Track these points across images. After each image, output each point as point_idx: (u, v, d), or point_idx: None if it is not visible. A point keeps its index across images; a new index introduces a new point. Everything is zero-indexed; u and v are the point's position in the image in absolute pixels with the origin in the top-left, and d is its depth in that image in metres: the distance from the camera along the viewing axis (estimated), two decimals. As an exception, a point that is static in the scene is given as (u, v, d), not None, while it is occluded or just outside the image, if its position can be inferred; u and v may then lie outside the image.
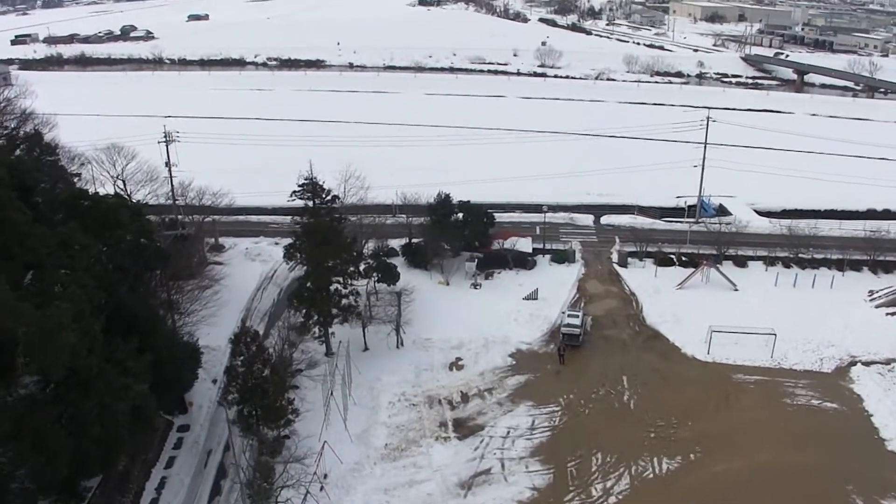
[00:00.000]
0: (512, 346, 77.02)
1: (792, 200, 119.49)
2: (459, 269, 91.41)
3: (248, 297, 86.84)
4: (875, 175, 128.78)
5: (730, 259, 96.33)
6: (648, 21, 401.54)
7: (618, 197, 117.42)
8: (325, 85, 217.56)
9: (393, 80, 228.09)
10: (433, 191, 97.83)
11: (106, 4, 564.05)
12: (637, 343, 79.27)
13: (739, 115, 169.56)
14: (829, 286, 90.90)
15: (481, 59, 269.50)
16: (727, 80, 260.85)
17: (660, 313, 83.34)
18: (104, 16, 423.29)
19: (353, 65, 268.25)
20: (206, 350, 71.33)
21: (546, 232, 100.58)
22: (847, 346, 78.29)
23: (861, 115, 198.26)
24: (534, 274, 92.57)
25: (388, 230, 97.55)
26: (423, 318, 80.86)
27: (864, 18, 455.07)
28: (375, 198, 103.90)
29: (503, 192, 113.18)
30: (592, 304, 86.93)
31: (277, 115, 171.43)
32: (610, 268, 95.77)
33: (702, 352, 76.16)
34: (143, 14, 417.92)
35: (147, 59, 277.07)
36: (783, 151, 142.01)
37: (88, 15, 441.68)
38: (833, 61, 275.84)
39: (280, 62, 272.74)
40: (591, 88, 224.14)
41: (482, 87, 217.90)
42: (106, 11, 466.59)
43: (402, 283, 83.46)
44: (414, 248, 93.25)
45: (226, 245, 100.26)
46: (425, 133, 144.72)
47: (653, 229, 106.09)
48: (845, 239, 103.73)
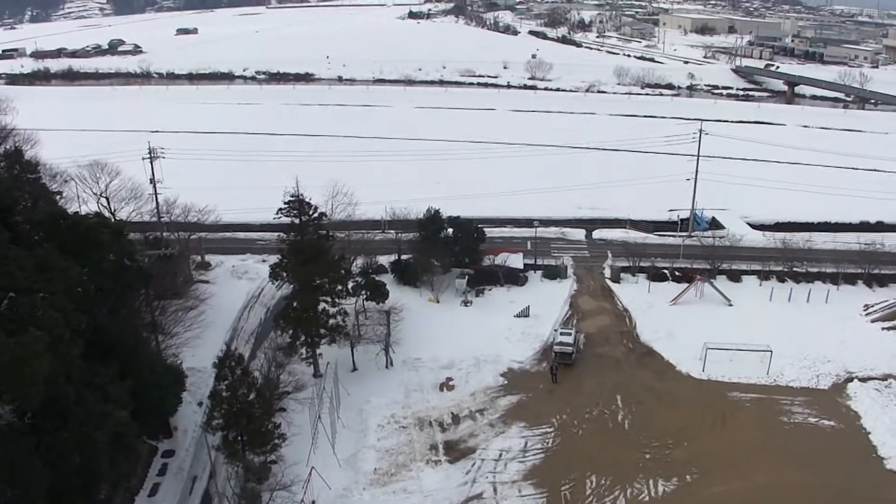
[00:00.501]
0: (503, 366, 75.48)
1: (785, 213, 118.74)
2: (450, 286, 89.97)
3: (234, 317, 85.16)
4: (867, 187, 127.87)
5: (724, 273, 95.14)
6: (638, 33, 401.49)
7: (609, 211, 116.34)
8: (313, 99, 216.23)
9: (382, 94, 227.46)
10: (423, 206, 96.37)
11: (94, 19, 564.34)
12: (631, 361, 77.75)
13: (731, 128, 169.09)
14: (825, 300, 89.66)
15: (471, 72, 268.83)
16: (718, 92, 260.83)
17: (653, 330, 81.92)
18: (92, 30, 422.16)
19: (342, 78, 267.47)
20: (191, 372, 69.93)
21: (537, 247, 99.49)
22: (843, 362, 76.83)
23: (852, 126, 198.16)
24: (525, 290, 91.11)
25: (376, 246, 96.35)
26: (413, 336, 79.32)
27: (854, 30, 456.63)
28: (364, 213, 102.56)
29: (493, 206, 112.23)
30: (585, 320, 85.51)
31: (265, 129, 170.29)
32: (602, 283, 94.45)
33: (697, 369, 74.75)
34: (131, 28, 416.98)
35: (135, 74, 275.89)
36: (776, 164, 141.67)
37: (76, 29, 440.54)
38: (823, 73, 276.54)
39: (269, 76, 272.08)
40: (581, 101, 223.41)
41: (472, 99, 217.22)
42: (94, 26, 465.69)
43: (392, 301, 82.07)
44: (403, 264, 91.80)
45: (212, 263, 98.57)
46: (414, 147, 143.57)
47: (645, 243, 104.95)
48: (840, 252, 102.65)
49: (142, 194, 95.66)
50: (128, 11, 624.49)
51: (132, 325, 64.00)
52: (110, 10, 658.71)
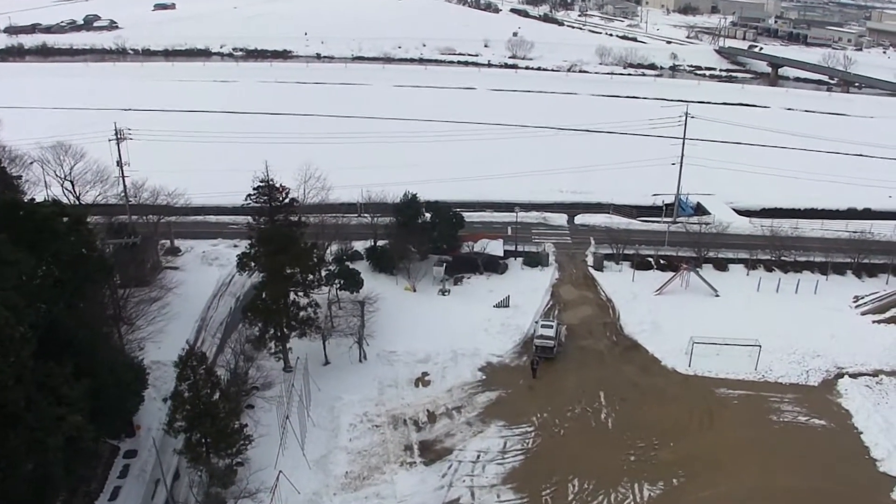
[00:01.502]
0: (482, 360, 72.43)
1: (771, 199, 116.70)
2: (427, 273, 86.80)
3: (203, 306, 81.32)
4: (853, 172, 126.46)
5: (710, 262, 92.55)
6: (621, 12, 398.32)
7: (592, 195, 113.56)
8: (291, 76, 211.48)
9: (361, 72, 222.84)
10: (400, 189, 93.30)
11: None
12: (615, 354, 74.97)
13: (715, 109, 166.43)
14: (814, 291, 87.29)
15: (451, 50, 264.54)
16: (701, 73, 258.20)
17: (638, 321, 79.11)
18: (69, 5, 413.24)
19: (320, 55, 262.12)
20: (156, 366, 66.81)
21: (518, 233, 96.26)
22: (833, 357, 74.63)
23: (837, 109, 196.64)
24: (505, 279, 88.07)
25: (352, 231, 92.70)
26: (388, 328, 76.13)
27: (837, 12, 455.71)
28: (340, 197, 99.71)
29: (473, 189, 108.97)
30: (567, 311, 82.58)
31: (241, 107, 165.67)
32: (585, 271, 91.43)
33: (683, 364, 72.14)
34: (109, 3, 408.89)
35: (110, 50, 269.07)
36: (761, 147, 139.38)
37: (53, 4, 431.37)
38: (807, 55, 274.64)
39: (246, 52, 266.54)
40: (563, 80, 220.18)
41: (452, 78, 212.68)
42: (71, 1, 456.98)
43: (367, 290, 78.92)
44: (379, 251, 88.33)
45: (182, 248, 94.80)
46: (393, 128, 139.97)
47: (629, 230, 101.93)
48: (828, 241, 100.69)
49: (108, 177, 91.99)
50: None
51: (91, 320, 60.38)
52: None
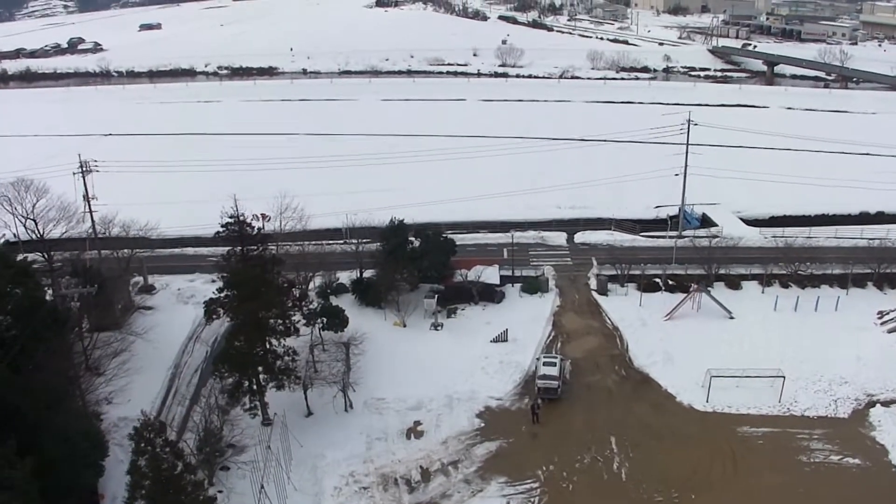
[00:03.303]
0: (480, 404, 65.71)
1: (780, 205, 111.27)
2: (418, 306, 79.85)
3: (177, 351, 74.97)
4: (860, 173, 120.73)
5: (721, 280, 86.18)
6: (611, 15, 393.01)
7: (592, 209, 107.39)
8: (275, 94, 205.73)
9: (347, 87, 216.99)
10: (387, 213, 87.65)
11: (59, 17, 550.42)
12: (624, 391, 68.27)
13: (713, 112, 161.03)
14: (834, 308, 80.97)
15: (440, 61, 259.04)
16: (695, 74, 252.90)
17: (648, 352, 72.58)
18: (55, 28, 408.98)
19: (306, 71, 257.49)
20: (124, 423, 60.46)
21: (515, 255, 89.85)
22: (862, 383, 68.63)
23: (838, 106, 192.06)
24: (502, 308, 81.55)
25: (337, 260, 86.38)
26: (376, 371, 69.46)
27: (828, 6, 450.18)
28: (324, 223, 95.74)
29: (466, 209, 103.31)
30: (571, 343, 75.85)
31: (224, 129, 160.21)
32: (588, 296, 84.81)
33: (699, 399, 65.77)
34: (95, 26, 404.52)
35: (94, 73, 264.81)
36: (764, 150, 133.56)
37: (39, 28, 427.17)
38: (802, 51, 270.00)
39: (231, 71, 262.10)
40: (555, 88, 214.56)
41: (441, 90, 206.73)
42: (58, 24, 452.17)
43: (352, 328, 72.24)
44: (365, 283, 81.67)
45: (156, 286, 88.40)
46: (380, 146, 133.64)
47: (633, 247, 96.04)
48: (845, 250, 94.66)
49: (74, 213, 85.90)
50: (92, 8, 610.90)
51: (40, 384, 53.89)
52: (74, 8, 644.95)
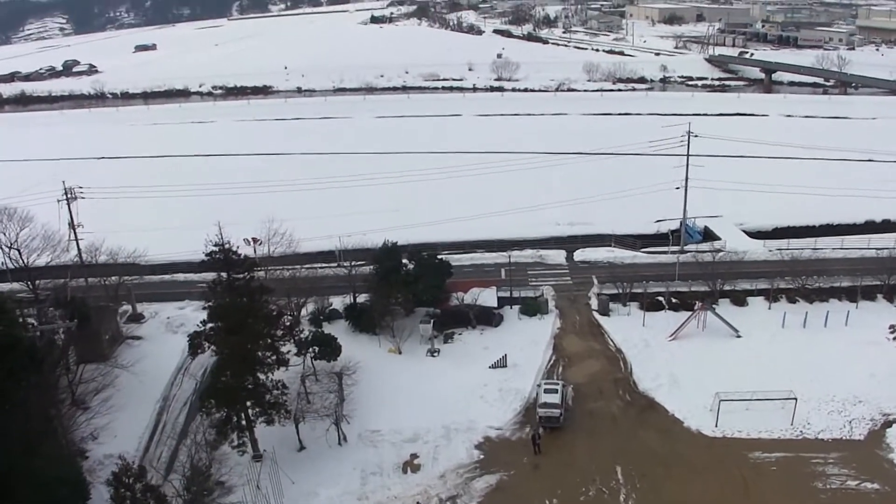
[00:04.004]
0: (479, 434, 62.77)
1: (783, 216, 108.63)
2: (414, 331, 76.95)
3: (166, 383, 72.23)
4: (864, 179, 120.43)
5: (727, 296, 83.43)
6: (606, 26, 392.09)
7: (591, 226, 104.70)
8: (269, 114, 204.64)
9: (342, 105, 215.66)
10: (382, 235, 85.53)
11: (55, 39, 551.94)
12: (629, 417, 65.27)
13: (712, 121, 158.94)
14: (844, 323, 78.26)
15: (435, 76, 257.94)
16: (693, 84, 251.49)
17: (653, 375, 69.71)
18: (51, 51, 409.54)
19: (301, 89, 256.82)
20: (109, 461, 57.65)
21: (513, 275, 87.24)
22: (877, 401, 65.74)
23: (837, 113, 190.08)
24: (501, 332, 78.67)
25: (330, 284, 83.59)
26: (371, 401, 66.63)
27: (823, 12, 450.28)
28: (319, 245, 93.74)
29: (462, 228, 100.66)
30: (572, 367, 72.91)
31: (216, 149, 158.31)
32: (589, 317, 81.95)
33: (708, 424, 62.92)
34: (90, 48, 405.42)
35: (88, 95, 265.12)
36: (766, 160, 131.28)
37: (35, 51, 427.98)
38: (800, 58, 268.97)
39: (225, 90, 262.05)
40: (551, 101, 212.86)
41: (436, 106, 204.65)
42: (53, 47, 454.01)
43: (346, 356, 69.58)
44: (359, 309, 78.97)
45: (145, 315, 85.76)
46: (373, 165, 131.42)
47: (634, 264, 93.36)
48: (853, 261, 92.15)
49: (59, 241, 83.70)
50: (88, 30, 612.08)
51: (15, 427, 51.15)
52: (70, 30, 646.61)
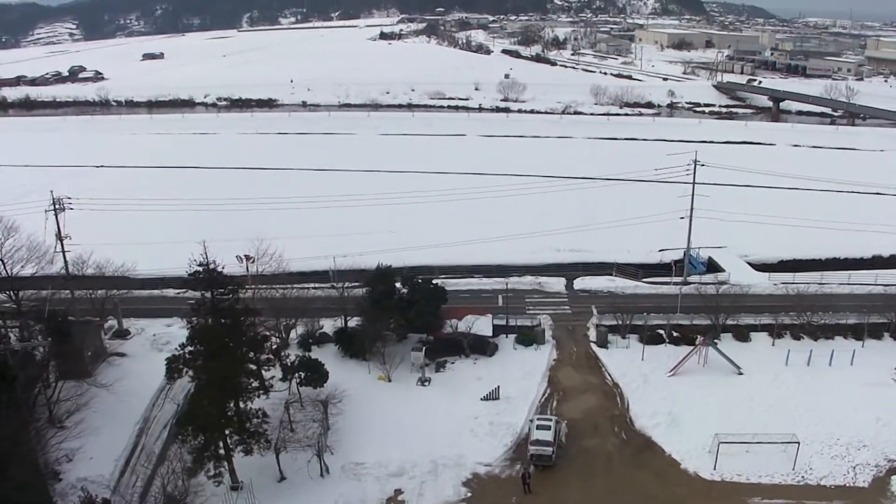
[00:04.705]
0: (467, 470, 60.04)
1: (789, 248, 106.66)
2: (405, 358, 74.20)
3: (147, 403, 69.71)
4: (871, 213, 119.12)
5: (729, 331, 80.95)
6: (615, 50, 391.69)
7: (592, 253, 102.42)
8: (273, 127, 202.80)
9: (346, 120, 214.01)
10: (378, 257, 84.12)
11: (64, 45, 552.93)
12: (625, 457, 62.55)
13: (718, 149, 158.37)
14: (850, 362, 75.67)
15: (441, 94, 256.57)
16: (700, 110, 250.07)
17: (651, 413, 67.05)
18: (58, 56, 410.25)
19: (306, 103, 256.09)
20: (82, 484, 55.65)
21: (510, 302, 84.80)
22: (882, 446, 63.22)
23: (845, 144, 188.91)
24: (495, 362, 75.93)
25: (321, 305, 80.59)
26: (357, 432, 63.96)
27: (832, 41, 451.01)
28: (312, 265, 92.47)
29: (460, 252, 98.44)
30: (567, 402, 70.20)
31: (217, 162, 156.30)
32: (587, 349, 79.30)
33: (707, 466, 60.32)
34: (99, 54, 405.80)
35: (92, 102, 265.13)
36: (772, 190, 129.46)
37: (43, 55, 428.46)
38: (808, 87, 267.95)
39: (230, 102, 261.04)
40: (557, 124, 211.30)
41: (441, 125, 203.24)
42: (62, 52, 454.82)
43: (333, 383, 66.82)
44: (349, 333, 76.47)
45: (131, 331, 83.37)
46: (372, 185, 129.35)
47: (635, 294, 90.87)
48: (860, 297, 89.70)
49: (45, 253, 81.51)
50: (98, 37, 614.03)
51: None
52: (80, 36, 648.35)
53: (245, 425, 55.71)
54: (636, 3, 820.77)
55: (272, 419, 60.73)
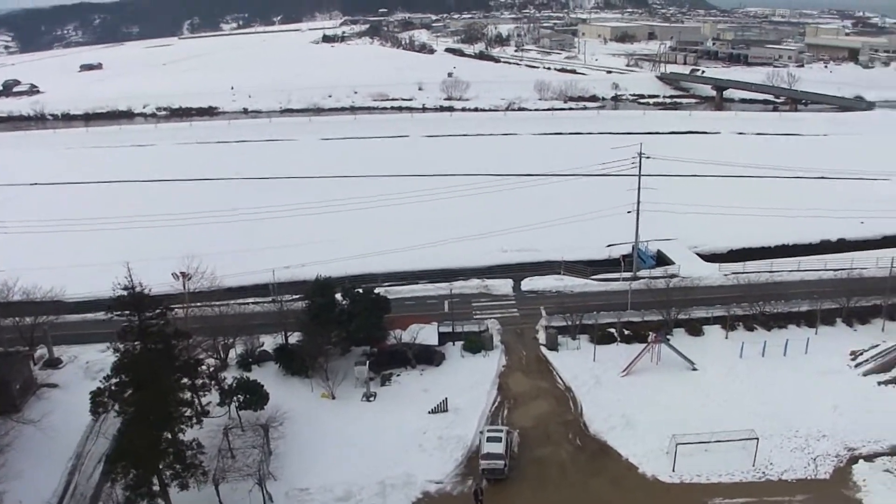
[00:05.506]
0: (417, 490, 57.09)
1: (738, 237, 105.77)
2: (349, 373, 71.11)
3: (80, 437, 65.87)
4: (819, 197, 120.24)
5: (681, 325, 79.37)
6: (558, 45, 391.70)
7: (540, 252, 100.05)
8: (212, 136, 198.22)
9: (287, 126, 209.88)
10: (320, 268, 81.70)
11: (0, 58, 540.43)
12: (580, 464, 60.14)
13: (664, 140, 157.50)
14: (804, 351, 74.65)
15: (384, 96, 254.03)
16: (644, 102, 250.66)
17: (605, 416, 64.87)
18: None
19: (247, 110, 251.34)
20: (9, 525, 52.17)
21: (456, 307, 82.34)
22: (841, 436, 62.20)
23: (789, 130, 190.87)
24: (442, 372, 73.10)
25: (261, 321, 77.50)
26: (300, 455, 60.91)
27: (772, 30, 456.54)
28: (252, 280, 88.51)
29: (404, 258, 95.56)
30: (518, 409, 67.53)
31: (154, 175, 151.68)
32: (537, 353, 76.85)
33: (665, 468, 58.32)
34: (33, 67, 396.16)
35: (27, 117, 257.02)
36: (719, 178, 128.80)
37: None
38: (750, 75, 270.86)
39: (170, 112, 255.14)
40: (501, 121, 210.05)
41: (384, 126, 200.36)
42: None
43: (275, 404, 63.60)
44: (290, 350, 73.25)
45: (63, 359, 79.29)
46: (312, 192, 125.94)
47: (584, 293, 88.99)
48: (811, 283, 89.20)
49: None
50: (34, 49, 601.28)
51: None
52: (16, 49, 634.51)
53: (180, 457, 52.41)
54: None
55: (210, 447, 57.43)
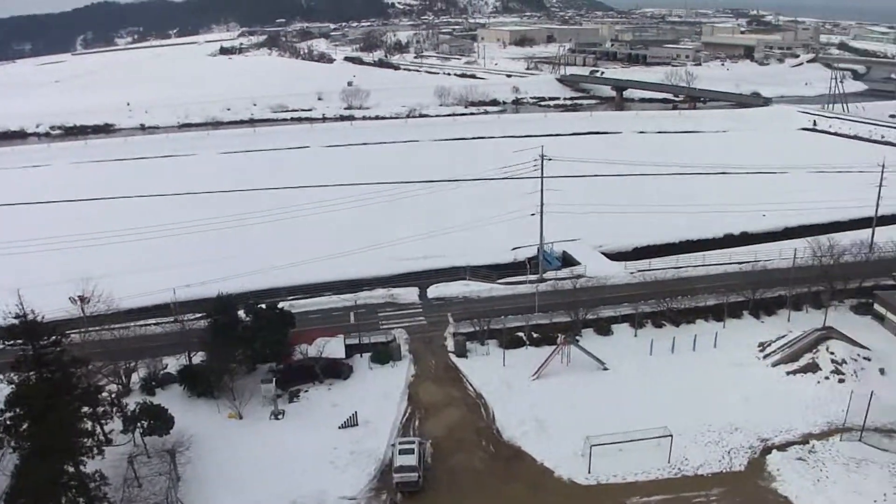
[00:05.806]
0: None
1: (642, 235, 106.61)
2: (256, 391, 68.54)
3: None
4: (720, 192, 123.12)
5: (590, 326, 79.21)
6: (457, 50, 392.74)
7: (445, 258, 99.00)
8: (109, 154, 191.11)
9: (186, 141, 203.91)
10: (221, 285, 78.47)
11: None
12: (495, 471, 58.94)
13: (566, 141, 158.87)
14: (713, 345, 75.38)
15: (284, 107, 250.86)
16: (545, 104, 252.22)
17: (518, 421, 63.89)
18: None
19: (144, 126, 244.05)
20: None
21: (362, 318, 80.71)
22: (753, 427, 62.85)
23: (689, 127, 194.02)
24: (351, 385, 71.11)
25: (163, 343, 74.58)
26: (209, 478, 58.00)
27: (669, 30, 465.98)
28: (152, 300, 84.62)
29: (308, 270, 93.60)
30: (430, 419, 66.07)
31: (49, 196, 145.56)
32: (446, 360, 75.53)
33: (581, 471, 57.65)
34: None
35: None
36: (621, 177, 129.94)
37: None
38: (650, 74, 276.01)
39: (65, 130, 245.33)
40: (402, 128, 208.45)
41: (284, 138, 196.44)
42: None
43: (181, 428, 60.93)
44: (194, 371, 70.36)
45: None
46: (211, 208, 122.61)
47: (491, 297, 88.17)
48: (716, 277, 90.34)
49: None
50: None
51: None
52: None
53: (83, 491, 49.47)
54: (477, 3, 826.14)
55: (115, 478, 54.67)
